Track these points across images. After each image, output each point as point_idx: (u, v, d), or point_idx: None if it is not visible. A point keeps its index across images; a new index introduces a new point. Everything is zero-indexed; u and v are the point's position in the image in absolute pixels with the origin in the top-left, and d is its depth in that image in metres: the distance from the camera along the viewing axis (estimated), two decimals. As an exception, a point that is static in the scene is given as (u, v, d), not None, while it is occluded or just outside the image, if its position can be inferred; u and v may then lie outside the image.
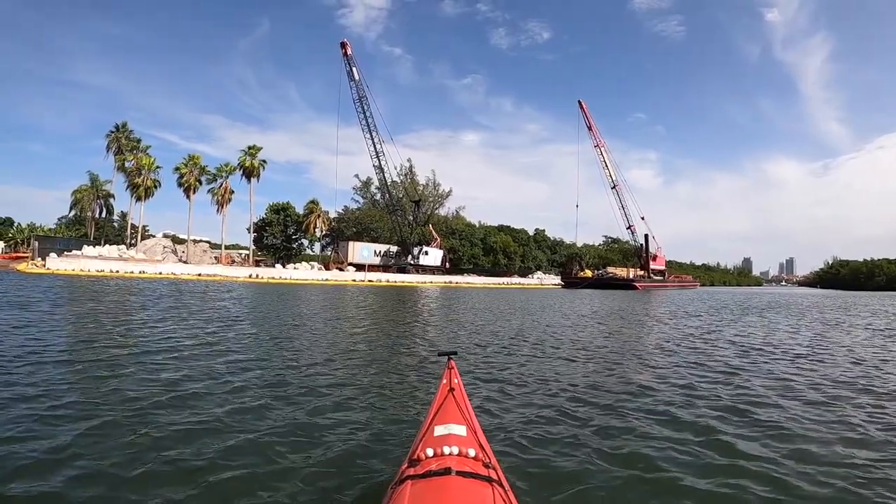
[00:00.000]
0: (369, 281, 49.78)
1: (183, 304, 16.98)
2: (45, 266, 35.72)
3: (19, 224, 67.65)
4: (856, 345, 11.64)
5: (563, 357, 8.96)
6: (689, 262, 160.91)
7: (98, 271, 36.07)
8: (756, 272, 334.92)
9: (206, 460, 3.64)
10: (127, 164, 51.64)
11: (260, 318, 13.56)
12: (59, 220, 65.24)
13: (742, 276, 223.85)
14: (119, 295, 19.71)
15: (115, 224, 63.85)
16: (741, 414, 5.33)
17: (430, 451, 2.38)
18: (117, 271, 36.84)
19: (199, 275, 40.64)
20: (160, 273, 38.88)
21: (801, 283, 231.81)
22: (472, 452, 2.39)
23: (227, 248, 59.10)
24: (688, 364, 8.45)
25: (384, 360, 8.08)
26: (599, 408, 5.49)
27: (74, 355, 7.17)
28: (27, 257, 43.34)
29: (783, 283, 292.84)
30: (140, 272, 37.83)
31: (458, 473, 2.17)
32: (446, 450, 2.36)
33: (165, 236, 65.80)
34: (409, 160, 72.43)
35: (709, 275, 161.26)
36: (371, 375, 6.85)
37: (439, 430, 2.64)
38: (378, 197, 67.79)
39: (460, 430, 2.64)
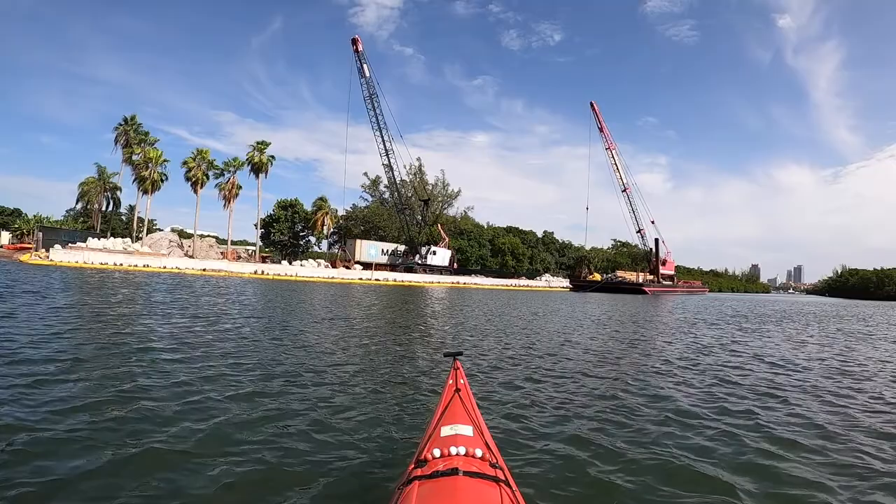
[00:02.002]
0: (376, 280, 49.20)
1: (174, 298, 16.36)
2: (48, 257, 35.33)
3: (26, 215, 67.62)
4: (891, 360, 10.85)
5: (573, 363, 8.60)
6: (697, 268, 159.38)
7: (101, 264, 35.62)
8: (764, 279, 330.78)
9: (205, 460, 3.51)
10: (134, 157, 51.34)
11: (258, 316, 12.92)
12: (67, 212, 65.14)
13: (750, 282, 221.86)
14: (111, 288, 19.06)
15: (124, 217, 63.58)
16: (775, 457, 4.28)
17: (436, 452, 2.36)
18: (121, 264, 36.40)
19: (204, 270, 40.11)
20: (164, 267, 38.41)
21: (809, 292, 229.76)
22: (479, 453, 2.36)
23: (235, 244, 58.82)
24: (713, 383, 7.39)
25: (389, 361, 7.84)
26: (608, 412, 5.39)
27: (21, 352, 6.56)
28: (31, 248, 43.06)
29: (791, 291, 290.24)
30: (144, 266, 37.39)
31: (466, 474, 2.14)
32: (453, 450, 2.34)
33: (174, 231, 65.58)
34: (418, 159, 71.69)
35: (717, 281, 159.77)
36: (376, 376, 6.67)
37: (446, 431, 2.61)
38: (387, 195, 67.13)
39: (467, 430, 2.61)
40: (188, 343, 8.10)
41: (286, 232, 63.11)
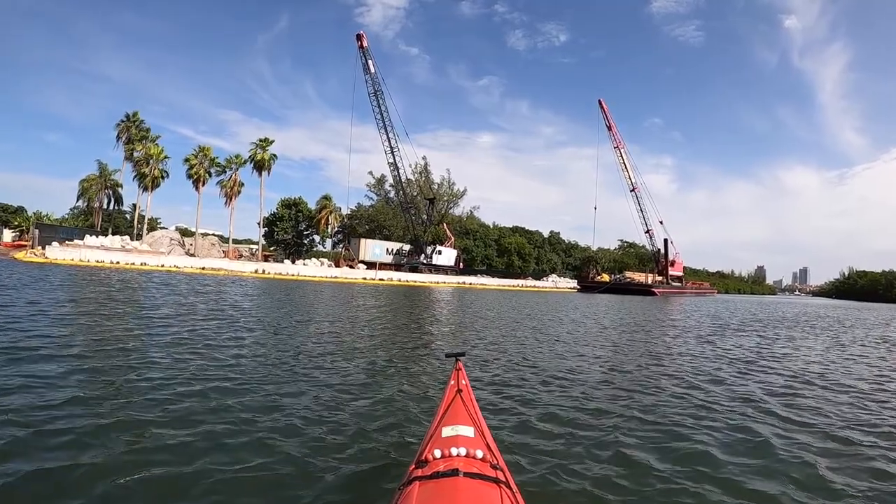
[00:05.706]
0: (380, 279, 48.16)
1: (153, 295, 15.39)
2: (44, 255, 34.42)
3: (27, 212, 66.97)
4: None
5: (582, 367, 8.21)
6: (703, 269, 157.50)
7: (98, 262, 34.64)
8: (769, 281, 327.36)
9: (204, 461, 3.41)
10: (135, 154, 50.47)
11: (255, 315, 11.90)
12: (70, 209, 64.37)
13: (756, 284, 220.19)
14: (87, 285, 18.07)
15: (127, 215, 62.79)
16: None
17: (437, 453, 2.32)
18: (118, 262, 35.41)
19: (203, 268, 39.13)
20: (162, 265, 37.44)
21: (815, 294, 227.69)
22: (479, 454, 2.32)
23: (238, 242, 58.00)
24: (779, 426, 5.25)
25: (391, 361, 7.64)
26: (615, 417, 5.21)
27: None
28: (28, 245, 42.19)
29: (797, 293, 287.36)
30: (141, 264, 36.41)
31: (466, 475, 2.11)
32: (454, 451, 2.31)
33: (177, 229, 64.82)
34: (423, 158, 70.68)
35: (723, 282, 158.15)
36: (378, 376, 6.50)
37: (447, 432, 2.57)
38: (392, 194, 66.17)
39: (468, 431, 2.57)
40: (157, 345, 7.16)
41: (290, 231, 62.22)
